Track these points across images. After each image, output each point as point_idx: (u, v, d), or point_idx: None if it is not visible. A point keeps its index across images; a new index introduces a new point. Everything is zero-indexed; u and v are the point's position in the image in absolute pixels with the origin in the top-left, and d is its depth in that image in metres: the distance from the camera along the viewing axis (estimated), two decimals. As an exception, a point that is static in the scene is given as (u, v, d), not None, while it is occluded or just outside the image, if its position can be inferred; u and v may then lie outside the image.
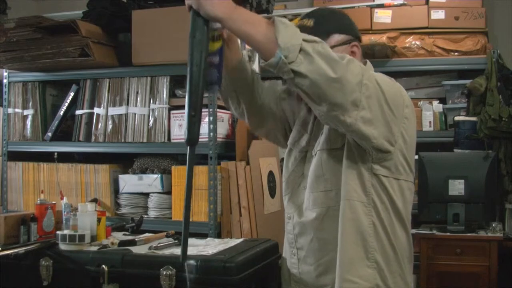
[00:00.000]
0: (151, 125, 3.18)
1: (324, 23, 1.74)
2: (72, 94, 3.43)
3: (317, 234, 1.72)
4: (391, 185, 1.66)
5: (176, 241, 2.45)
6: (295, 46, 1.45)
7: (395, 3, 4.31)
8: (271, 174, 3.42)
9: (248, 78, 1.86)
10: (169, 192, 3.18)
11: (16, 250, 2.31)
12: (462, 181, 3.71)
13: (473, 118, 3.99)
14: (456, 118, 4.08)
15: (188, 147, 1.54)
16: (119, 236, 2.65)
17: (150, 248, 2.35)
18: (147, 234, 2.63)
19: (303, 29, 1.67)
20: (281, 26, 1.47)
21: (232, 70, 1.80)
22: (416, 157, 2.49)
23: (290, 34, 1.46)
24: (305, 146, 1.82)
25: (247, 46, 3.43)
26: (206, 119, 3.03)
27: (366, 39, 4.20)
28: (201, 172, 3.06)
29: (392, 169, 1.65)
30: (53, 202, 2.68)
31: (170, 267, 2.14)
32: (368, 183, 1.64)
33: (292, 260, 1.80)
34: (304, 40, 1.47)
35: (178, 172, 3.12)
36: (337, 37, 1.74)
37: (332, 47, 1.67)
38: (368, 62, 1.78)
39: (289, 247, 1.82)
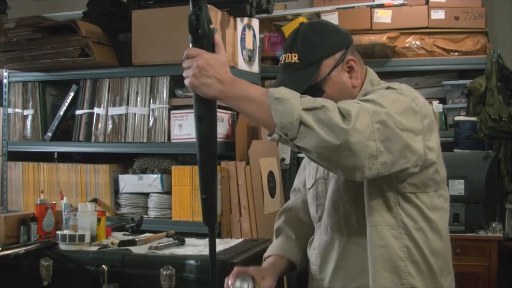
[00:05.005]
0: (151, 125, 3.18)
1: (310, 53, 1.57)
2: (72, 94, 3.43)
3: (340, 263, 1.62)
4: (421, 200, 1.55)
5: (176, 241, 2.45)
6: (294, 122, 1.35)
7: (395, 3, 4.30)
8: (271, 174, 3.42)
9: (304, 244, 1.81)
10: (169, 192, 3.18)
11: (16, 250, 2.31)
12: (462, 181, 3.71)
13: (473, 118, 3.98)
14: (456, 118, 4.08)
15: (208, 228, 1.53)
16: (119, 236, 2.65)
17: (150, 248, 2.35)
18: (147, 234, 2.64)
19: (290, 66, 1.58)
20: (275, 103, 1.38)
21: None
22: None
23: (287, 110, 1.36)
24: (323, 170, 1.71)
25: (247, 46, 3.43)
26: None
27: (366, 39, 4.20)
28: (201, 172, 3.05)
29: (419, 184, 1.54)
30: (53, 202, 2.69)
31: (170, 267, 2.14)
32: (394, 204, 1.53)
33: None
34: (304, 109, 1.36)
35: (178, 172, 3.12)
36: (328, 62, 1.57)
37: (328, 74, 1.57)
38: (369, 69, 1.68)
39: (315, 278, 1.73)
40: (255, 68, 3.56)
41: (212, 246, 1.53)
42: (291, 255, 1.78)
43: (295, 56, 1.58)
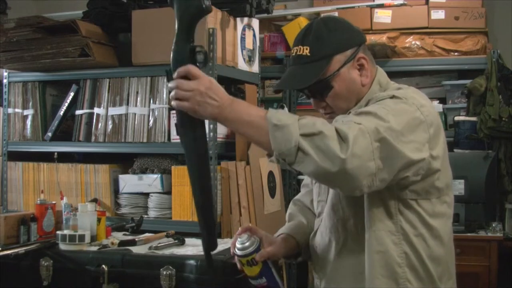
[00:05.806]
0: (151, 125, 3.18)
1: (321, 47, 1.58)
2: (72, 94, 3.43)
3: (336, 265, 1.63)
4: (422, 207, 1.54)
5: (176, 241, 2.45)
6: (291, 149, 1.36)
7: (395, 3, 4.30)
8: (271, 174, 3.42)
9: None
10: (169, 192, 3.18)
11: (16, 250, 2.30)
12: (462, 181, 3.70)
13: (473, 118, 3.98)
14: (456, 118, 4.08)
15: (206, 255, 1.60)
16: (119, 236, 2.65)
17: (150, 248, 2.35)
18: (147, 234, 2.63)
19: (300, 58, 1.59)
20: (273, 130, 1.38)
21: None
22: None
23: (285, 137, 1.37)
24: None
25: (247, 46, 3.43)
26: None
27: (366, 39, 4.20)
28: (201, 172, 3.05)
29: (420, 192, 1.53)
30: (53, 202, 2.68)
31: (170, 267, 2.14)
32: (394, 210, 1.52)
33: None
34: (302, 135, 1.36)
35: (178, 172, 3.12)
36: (339, 58, 1.58)
37: (337, 70, 1.58)
38: (379, 69, 1.67)
39: (314, 277, 1.76)
40: (255, 68, 3.56)
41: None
42: (300, 238, 1.78)
43: (306, 49, 1.59)
